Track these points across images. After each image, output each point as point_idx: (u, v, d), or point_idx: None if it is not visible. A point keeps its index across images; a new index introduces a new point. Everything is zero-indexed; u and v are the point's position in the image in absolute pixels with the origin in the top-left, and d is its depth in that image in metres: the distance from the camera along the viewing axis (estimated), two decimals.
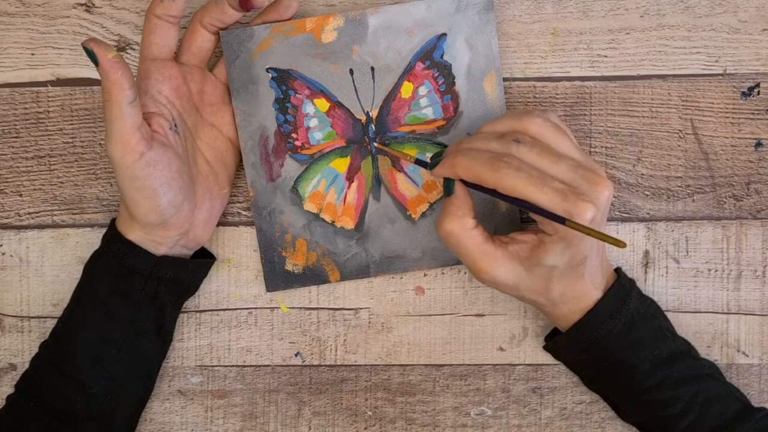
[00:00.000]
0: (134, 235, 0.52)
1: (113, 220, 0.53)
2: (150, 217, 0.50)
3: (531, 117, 0.48)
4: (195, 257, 0.55)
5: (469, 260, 0.50)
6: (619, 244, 0.44)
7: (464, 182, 0.49)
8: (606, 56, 0.56)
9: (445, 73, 0.55)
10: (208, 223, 0.54)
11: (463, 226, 0.49)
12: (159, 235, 0.52)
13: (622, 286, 0.52)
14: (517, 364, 0.57)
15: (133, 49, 0.57)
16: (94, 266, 0.53)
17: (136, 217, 0.50)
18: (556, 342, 0.54)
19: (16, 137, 0.57)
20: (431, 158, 0.51)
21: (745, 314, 0.57)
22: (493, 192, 0.48)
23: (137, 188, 0.49)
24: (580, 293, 0.50)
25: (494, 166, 0.47)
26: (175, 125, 0.52)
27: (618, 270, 0.54)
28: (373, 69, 0.54)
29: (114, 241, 0.52)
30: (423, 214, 0.56)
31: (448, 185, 0.50)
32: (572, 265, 0.49)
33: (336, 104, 0.55)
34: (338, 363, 0.58)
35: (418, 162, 0.52)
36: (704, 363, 0.53)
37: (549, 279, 0.49)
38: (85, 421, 0.51)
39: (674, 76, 0.56)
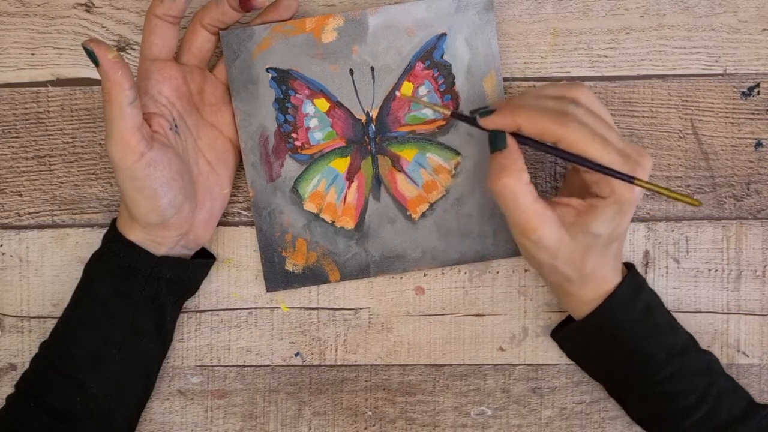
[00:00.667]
0: (135, 235, 0.52)
1: (114, 221, 0.53)
2: (150, 218, 0.50)
3: (580, 87, 0.49)
4: (195, 257, 0.55)
5: (520, 217, 0.48)
6: (694, 202, 0.46)
7: (516, 137, 0.49)
8: (606, 56, 0.56)
9: (445, 73, 0.55)
10: (208, 223, 0.54)
11: (520, 180, 0.48)
12: (159, 235, 0.52)
13: (636, 275, 0.52)
14: (517, 364, 0.57)
15: (133, 49, 0.57)
16: (94, 266, 0.53)
17: (137, 218, 0.50)
18: (572, 328, 0.53)
19: (16, 137, 0.57)
20: (472, 112, 0.50)
21: (745, 314, 0.57)
22: (547, 147, 0.48)
23: (137, 188, 0.49)
24: (604, 275, 0.50)
25: (560, 119, 0.47)
26: (175, 125, 0.52)
27: (628, 263, 0.54)
28: (373, 69, 0.54)
29: (114, 241, 0.52)
30: (423, 214, 0.56)
31: (498, 139, 0.49)
32: (613, 237, 0.49)
33: (336, 104, 0.55)
34: (338, 363, 0.58)
35: (458, 116, 0.51)
36: (710, 355, 0.53)
37: (588, 250, 0.49)
38: (85, 421, 0.51)
39: (674, 76, 0.56)
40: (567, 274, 0.50)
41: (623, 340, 0.51)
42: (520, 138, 0.49)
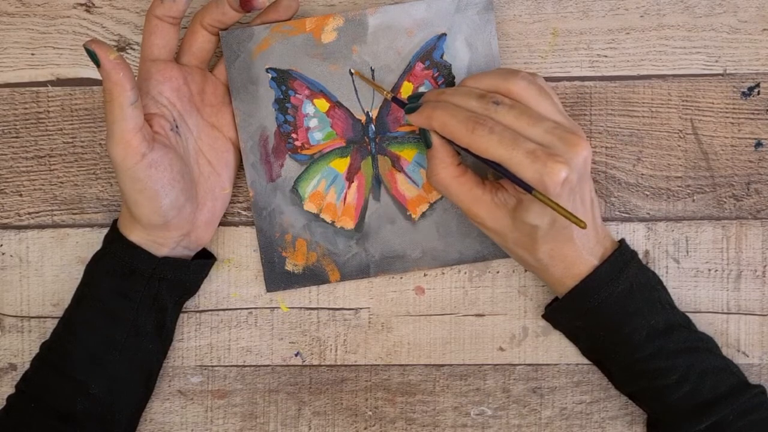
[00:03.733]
0: (136, 236, 0.52)
1: (114, 221, 0.53)
2: (152, 219, 0.50)
3: (515, 78, 0.49)
4: (195, 257, 0.55)
5: (460, 205, 0.51)
6: (579, 223, 0.45)
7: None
8: (606, 56, 0.56)
9: (445, 73, 0.55)
10: (209, 223, 0.54)
11: (449, 174, 0.50)
12: (161, 236, 0.52)
13: (622, 255, 0.52)
14: (517, 364, 0.57)
15: (133, 49, 0.57)
16: (95, 267, 0.53)
17: (138, 219, 0.50)
18: (554, 308, 0.54)
19: (16, 137, 0.57)
20: (408, 98, 0.51)
21: (745, 314, 0.57)
22: (463, 150, 0.49)
23: (139, 189, 0.49)
24: (572, 258, 0.51)
25: (469, 126, 0.47)
26: (176, 126, 0.52)
27: (621, 241, 0.54)
28: (372, 69, 0.54)
29: (115, 242, 0.52)
30: (423, 214, 0.56)
31: (426, 136, 0.51)
32: (557, 227, 0.49)
33: (336, 104, 0.55)
34: (338, 363, 0.58)
35: (395, 100, 0.53)
36: (702, 336, 0.53)
37: (534, 238, 0.49)
38: (86, 422, 0.51)
39: (674, 76, 0.56)
40: (522, 257, 0.51)
41: (603, 317, 0.51)
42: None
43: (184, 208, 0.51)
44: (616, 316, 0.51)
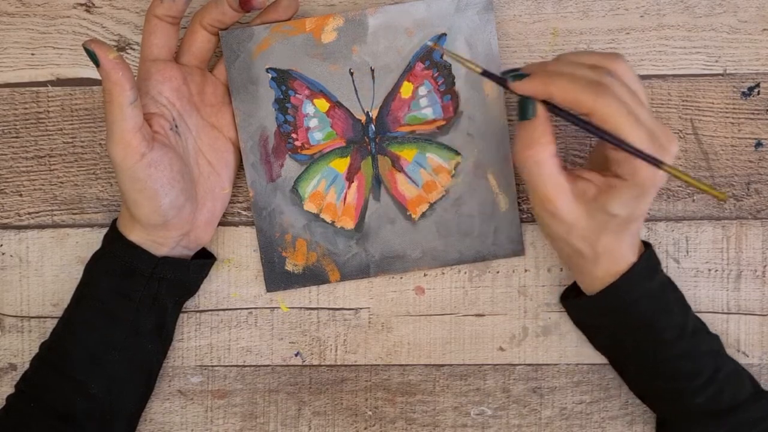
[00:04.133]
0: (135, 235, 0.52)
1: (114, 221, 0.53)
2: (152, 218, 0.50)
3: (618, 58, 0.47)
4: (195, 257, 0.55)
5: (540, 188, 0.47)
6: (720, 195, 0.44)
7: (547, 105, 0.47)
8: None
9: (445, 74, 0.55)
10: (209, 223, 0.54)
11: (546, 152, 0.46)
12: (160, 235, 0.52)
13: (653, 254, 0.52)
14: (517, 364, 0.57)
15: (133, 49, 0.57)
16: (94, 267, 0.53)
17: (138, 218, 0.50)
18: (580, 304, 0.53)
19: (16, 137, 0.57)
20: (504, 73, 0.47)
21: (745, 314, 0.57)
22: (578, 120, 0.46)
23: (138, 189, 0.49)
24: (620, 254, 0.49)
25: (596, 89, 0.45)
26: (176, 126, 0.52)
27: (645, 242, 0.53)
28: (372, 69, 0.54)
29: (115, 241, 0.52)
30: (423, 214, 0.56)
31: (527, 107, 0.47)
32: (631, 218, 0.48)
33: (336, 104, 0.55)
34: (338, 363, 0.58)
35: (488, 75, 0.47)
36: (719, 341, 0.53)
37: (604, 228, 0.48)
38: (86, 422, 0.51)
39: (674, 76, 0.56)
40: (580, 249, 0.49)
41: (636, 316, 0.50)
42: (551, 107, 0.47)
43: (183, 207, 0.51)
44: (649, 314, 0.50)
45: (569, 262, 0.51)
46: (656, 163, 0.44)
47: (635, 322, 0.51)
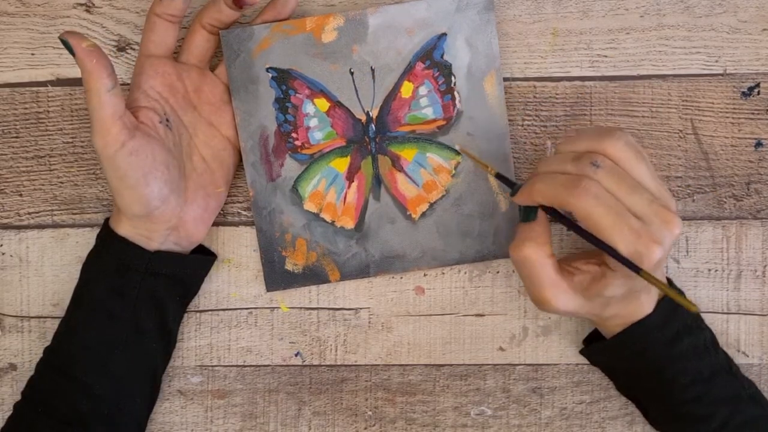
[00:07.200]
0: (123, 229, 0.52)
1: (107, 219, 0.53)
2: (134, 208, 0.50)
3: (611, 138, 0.46)
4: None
5: (536, 288, 0.49)
6: (691, 307, 0.43)
7: (544, 209, 0.49)
8: (606, 56, 0.56)
9: (445, 73, 0.55)
10: (201, 220, 0.54)
11: (541, 254, 0.48)
12: (146, 228, 0.51)
13: (671, 301, 0.51)
14: (517, 364, 0.57)
15: (133, 49, 0.57)
16: (90, 266, 0.53)
17: (122, 208, 0.50)
18: (595, 349, 0.54)
19: (16, 137, 0.57)
20: (514, 186, 0.50)
21: (745, 314, 0.57)
22: (570, 224, 0.47)
23: (119, 177, 0.49)
24: (633, 310, 0.50)
25: (570, 188, 0.45)
26: (167, 120, 0.52)
27: (668, 280, 0.54)
28: (373, 69, 0.54)
29: (106, 237, 0.52)
30: (423, 214, 0.56)
31: (527, 211, 0.49)
32: (632, 292, 0.49)
33: (336, 104, 0.55)
34: (338, 363, 0.58)
35: (501, 178, 0.51)
36: (744, 382, 0.53)
37: (606, 304, 0.49)
38: (94, 424, 0.51)
39: (674, 76, 0.56)
40: (587, 318, 0.51)
41: (648, 361, 0.51)
42: (552, 211, 0.48)
43: (168, 199, 0.51)
44: (661, 360, 0.51)
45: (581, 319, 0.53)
46: (634, 269, 0.45)
47: (648, 366, 0.51)
